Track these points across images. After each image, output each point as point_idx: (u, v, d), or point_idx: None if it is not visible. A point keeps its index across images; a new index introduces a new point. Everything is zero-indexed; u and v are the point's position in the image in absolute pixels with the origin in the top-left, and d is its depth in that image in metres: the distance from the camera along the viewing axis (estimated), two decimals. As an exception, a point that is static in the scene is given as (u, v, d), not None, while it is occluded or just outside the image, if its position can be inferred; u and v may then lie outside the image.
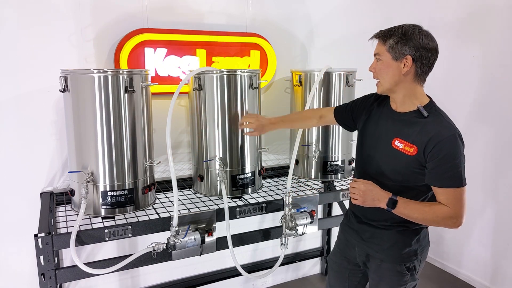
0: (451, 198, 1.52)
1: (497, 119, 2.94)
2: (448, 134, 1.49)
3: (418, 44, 1.50)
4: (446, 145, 1.48)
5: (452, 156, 1.48)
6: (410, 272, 1.69)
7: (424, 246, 1.72)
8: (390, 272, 1.71)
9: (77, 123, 1.91)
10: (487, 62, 2.98)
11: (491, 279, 3.08)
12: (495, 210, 3.01)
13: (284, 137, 2.94)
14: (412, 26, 1.54)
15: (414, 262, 1.69)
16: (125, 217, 2.02)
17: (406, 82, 1.57)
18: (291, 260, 3.19)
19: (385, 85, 1.60)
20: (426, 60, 1.53)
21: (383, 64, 1.57)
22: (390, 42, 1.53)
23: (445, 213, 1.53)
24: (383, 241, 1.71)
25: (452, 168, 1.49)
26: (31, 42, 2.14)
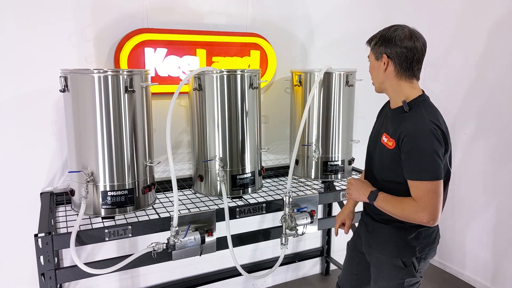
0: (418, 191, 1.55)
1: (498, 119, 2.94)
2: (419, 128, 1.53)
3: (393, 43, 1.59)
4: (416, 139, 1.53)
5: (420, 149, 1.52)
6: (407, 268, 1.71)
7: (426, 245, 1.71)
8: (387, 266, 1.75)
9: (77, 123, 1.91)
10: (486, 62, 2.98)
11: (492, 279, 3.08)
12: (495, 210, 3.01)
13: (284, 137, 2.94)
14: (394, 26, 1.63)
15: (412, 259, 1.71)
16: (125, 217, 2.02)
17: (390, 79, 1.66)
18: (291, 260, 3.19)
19: (375, 84, 1.74)
20: (404, 57, 1.59)
21: (371, 65, 1.72)
22: (372, 44, 1.68)
23: (411, 207, 1.56)
24: (382, 234, 1.76)
25: (420, 161, 1.53)
26: (31, 42, 2.14)
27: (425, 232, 1.70)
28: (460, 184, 3.25)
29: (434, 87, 3.42)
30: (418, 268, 1.73)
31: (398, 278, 1.73)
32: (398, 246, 1.71)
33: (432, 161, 1.52)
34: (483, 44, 3.00)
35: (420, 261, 1.73)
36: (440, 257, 3.49)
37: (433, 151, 1.51)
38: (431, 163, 1.52)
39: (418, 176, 1.54)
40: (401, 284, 1.73)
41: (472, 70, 3.09)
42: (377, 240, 1.79)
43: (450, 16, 3.24)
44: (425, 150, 1.52)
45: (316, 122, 2.54)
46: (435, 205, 1.53)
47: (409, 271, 1.72)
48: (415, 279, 1.74)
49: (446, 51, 3.28)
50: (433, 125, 1.54)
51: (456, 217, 3.31)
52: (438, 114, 1.64)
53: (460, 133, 3.22)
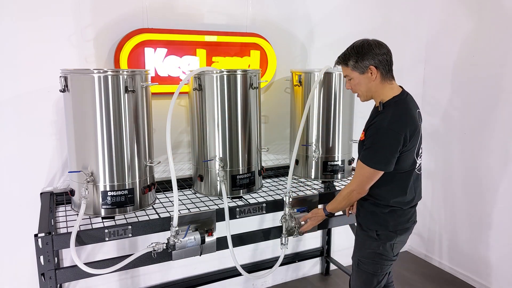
0: (358, 170, 1.88)
1: (493, 118, 2.94)
2: (379, 123, 1.80)
3: (373, 53, 1.81)
4: (373, 131, 1.82)
5: (373, 140, 1.81)
6: (381, 240, 1.94)
7: (399, 222, 1.93)
8: (364, 237, 2.01)
9: (77, 123, 1.91)
10: (486, 62, 2.98)
11: (491, 279, 3.08)
12: (495, 210, 3.01)
13: (284, 137, 2.94)
14: (360, 42, 1.85)
15: (386, 232, 1.93)
16: (125, 217, 2.02)
17: (376, 85, 1.87)
18: (291, 260, 3.19)
19: (364, 95, 1.92)
20: (384, 62, 1.84)
21: (355, 80, 1.89)
22: (351, 63, 1.86)
23: (346, 190, 1.94)
24: (364, 210, 2.02)
25: (370, 151, 1.82)
26: (31, 42, 2.14)
27: (399, 211, 1.93)
28: (460, 184, 3.25)
29: (434, 86, 3.42)
30: (392, 242, 1.93)
31: (372, 247, 1.97)
32: (374, 219, 1.96)
33: (380, 155, 1.80)
34: (483, 43, 3.00)
35: (395, 236, 1.94)
36: (439, 257, 3.49)
37: (383, 147, 1.78)
38: (377, 156, 1.80)
39: (363, 160, 1.84)
40: (374, 253, 1.97)
41: (472, 70, 3.09)
42: (360, 215, 2.05)
43: (450, 16, 3.24)
44: (377, 144, 1.79)
45: (316, 122, 2.54)
46: (362, 182, 1.88)
47: (382, 243, 1.94)
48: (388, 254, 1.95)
49: (446, 50, 3.28)
50: (392, 124, 1.77)
51: (456, 217, 3.31)
52: (406, 114, 1.82)
53: (460, 133, 3.22)
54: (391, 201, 1.91)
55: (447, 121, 3.33)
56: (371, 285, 2.02)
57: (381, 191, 1.91)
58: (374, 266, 1.99)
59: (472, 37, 3.08)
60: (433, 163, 3.47)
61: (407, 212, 1.96)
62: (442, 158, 3.39)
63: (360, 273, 2.04)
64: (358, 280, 2.06)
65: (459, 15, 3.17)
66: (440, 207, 3.46)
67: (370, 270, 2.00)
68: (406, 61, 3.35)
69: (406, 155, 1.84)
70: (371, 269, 2.00)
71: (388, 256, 1.97)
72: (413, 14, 3.34)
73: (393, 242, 1.95)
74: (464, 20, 3.13)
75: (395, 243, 1.96)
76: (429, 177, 3.49)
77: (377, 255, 1.97)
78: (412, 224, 2.01)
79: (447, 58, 3.28)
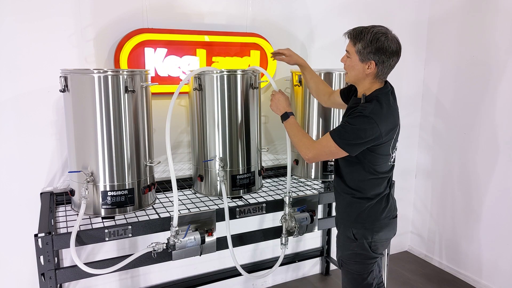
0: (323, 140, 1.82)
1: (493, 118, 2.94)
2: (360, 109, 1.74)
3: (382, 51, 1.71)
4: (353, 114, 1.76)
5: (349, 120, 1.74)
6: (358, 241, 1.89)
7: (376, 219, 1.89)
8: (343, 237, 1.98)
9: (77, 123, 1.91)
10: (486, 61, 2.98)
11: (491, 279, 3.08)
12: (495, 210, 3.01)
13: (284, 137, 2.94)
14: (381, 32, 1.73)
15: (362, 231, 1.89)
16: (125, 217, 2.02)
17: (367, 80, 1.81)
18: (291, 260, 3.19)
19: (351, 78, 1.86)
20: (387, 64, 1.76)
21: (352, 62, 1.81)
22: (358, 47, 1.75)
23: (306, 143, 1.86)
24: (339, 205, 2.00)
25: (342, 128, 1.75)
26: (31, 42, 2.14)
27: (374, 207, 1.88)
28: (459, 184, 3.25)
29: (434, 86, 3.42)
30: (371, 240, 1.88)
31: (349, 249, 1.93)
32: (349, 218, 1.92)
33: (350, 135, 1.72)
34: (483, 43, 3.00)
35: (372, 234, 1.88)
36: (439, 257, 3.50)
37: (358, 130, 1.71)
38: (347, 135, 1.73)
39: (332, 134, 1.77)
40: (354, 255, 1.92)
41: (472, 70, 3.09)
42: (338, 211, 2.02)
43: (449, 16, 3.24)
44: (352, 125, 1.72)
45: (316, 122, 2.54)
46: (320, 152, 1.82)
47: (360, 244, 1.89)
48: (367, 253, 1.90)
49: (446, 50, 3.28)
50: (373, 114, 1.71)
51: (456, 217, 3.31)
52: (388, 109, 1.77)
53: (460, 133, 3.22)
54: (370, 194, 1.86)
55: (447, 121, 3.33)
56: (358, 285, 1.97)
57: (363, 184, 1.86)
58: (357, 266, 1.94)
59: (472, 37, 3.08)
60: (433, 163, 3.47)
61: (382, 207, 1.89)
62: (442, 158, 3.39)
63: (345, 273, 2.00)
64: (346, 279, 2.02)
65: (460, 15, 3.17)
66: (440, 207, 3.46)
67: (354, 270, 1.95)
68: (406, 61, 3.34)
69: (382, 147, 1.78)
70: (354, 269, 1.95)
71: (368, 255, 1.91)
72: (413, 14, 3.34)
73: (370, 240, 1.89)
74: (464, 20, 3.13)
75: (373, 242, 1.90)
76: (429, 177, 3.49)
77: (358, 255, 1.92)
78: (390, 219, 1.93)
79: (447, 58, 3.28)
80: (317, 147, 1.82)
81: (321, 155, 1.84)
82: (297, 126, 1.95)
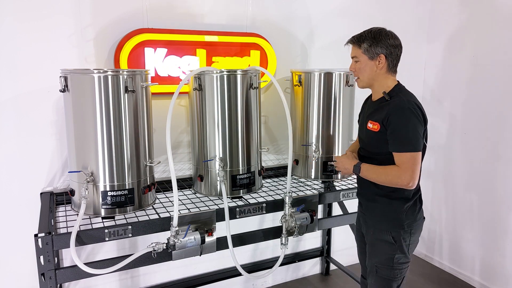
0: (400, 160, 1.78)
1: (493, 118, 2.94)
2: (398, 107, 1.77)
3: (387, 44, 1.83)
4: (395, 116, 1.77)
5: (400, 125, 1.76)
6: (397, 243, 1.88)
7: (413, 220, 1.89)
8: (379, 242, 1.94)
9: (77, 123, 1.91)
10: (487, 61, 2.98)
11: (491, 279, 3.08)
12: (494, 210, 3.01)
13: (284, 137, 2.94)
14: (378, 29, 1.85)
15: (401, 233, 1.88)
16: (125, 217, 2.02)
17: (380, 75, 1.88)
18: (291, 260, 3.19)
19: (364, 81, 1.91)
20: (395, 55, 1.86)
21: (361, 63, 1.88)
22: (364, 46, 1.85)
23: (394, 173, 1.79)
24: (372, 211, 1.97)
25: (399, 135, 1.77)
26: (31, 42, 2.14)
27: (412, 209, 1.89)
28: (459, 184, 3.25)
29: (434, 86, 3.42)
30: (408, 242, 1.89)
31: (388, 253, 1.90)
32: (388, 221, 1.90)
33: (411, 135, 1.75)
34: (483, 43, 3.00)
35: (410, 236, 1.89)
36: (439, 257, 3.49)
37: (413, 127, 1.75)
38: (410, 137, 1.75)
39: (400, 148, 1.77)
40: (391, 259, 1.90)
41: (472, 70, 3.09)
42: (370, 217, 1.99)
43: (450, 16, 3.24)
44: (406, 126, 1.75)
45: (316, 122, 2.54)
46: (414, 170, 1.77)
47: (399, 246, 1.88)
48: (405, 257, 1.90)
49: (446, 50, 3.28)
50: (412, 104, 1.77)
51: (456, 218, 3.31)
52: (414, 97, 1.85)
53: (460, 133, 3.22)
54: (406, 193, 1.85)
55: (447, 121, 3.33)
56: None
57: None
58: (392, 272, 1.91)
59: (472, 36, 3.08)
60: (433, 163, 3.47)
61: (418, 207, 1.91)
62: (442, 158, 3.39)
63: (379, 279, 1.96)
64: (377, 286, 1.98)
65: (460, 15, 3.17)
66: (440, 207, 3.46)
67: (389, 275, 1.92)
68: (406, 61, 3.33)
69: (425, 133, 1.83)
70: (389, 275, 1.92)
71: (405, 259, 1.91)
72: (413, 14, 3.34)
73: (408, 242, 1.89)
74: (465, 20, 3.13)
75: (410, 244, 1.90)
76: (430, 177, 3.49)
77: (395, 259, 1.89)
78: (423, 220, 1.95)
79: (448, 58, 3.28)
80: (405, 169, 1.76)
81: (414, 172, 1.76)
82: (373, 168, 1.87)
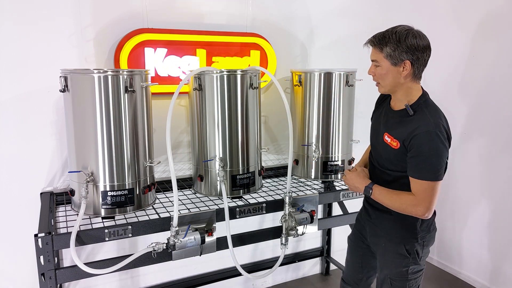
0: (418, 188, 1.64)
1: (495, 118, 2.94)
2: (424, 129, 1.59)
3: (414, 48, 1.60)
4: (420, 140, 1.60)
5: (424, 150, 1.59)
6: (411, 255, 1.79)
7: (427, 232, 1.79)
8: (392, 254, 1.83)
9: (77, 123, 1.91)
10: (487, 61, 2.98)
11: (491, 279, 3.08)
12: (494, 210, 3.01)
13: (284, 137, 2.94)
14: (405, 29, 1.62)
15: (415, 245, 1.78)
16: (125, 217, 2.02)
17: (405, 84, 1.69)
18: (291, 260, 3.19)
19: (386, 87, 1.73)
20: (422, 60, 1.65)
21: (383, 69, 1.68)
22: (387, 51, 1.63)
23: (409, 201, 1.66)
24: (385, 222, 1.84)
25: (424, 162, 1.61)
26: (31, 42, 2.14)
27: (427, 221, 1.78)
28: (459, 184, 3.25)
29: (434, 86, 3.42)
30: (421, 254, 1.80)
31: (402, 266, 1.81)
32: (401, 234, 1.79)
33: (435, 163, 1.60)
34: (483, 43, 3.00)
35: (422, 248, 1.80)
36: (440, 257, 3.49)
37: (437, 154, 1.59)
38: (434, 165, 1.60)
39: (421, 175, 1.62)
40: (406, 272, 1.81)
41: (472, 70, 3.09)
42: (381, 228, 1.87)
43: (450, 16, 3.24)
44: (429, 152, 1.59)
45: (316, 122, 2.54)
46: (432, 201, 1.64)
47: (413, 258, 1.79)
48: (419, 266, 1.82)
49: (446, 50, 3.28)
50: (440, 128, 1.60)
51: (456, 218, 3.31)
52: (441, 114, 1.69)
53: (459, 133, 3.22)
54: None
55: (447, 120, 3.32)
56: None
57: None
58: (408, 283, 1.82)
59: (472, 36, 3.08)
60: (433, 163, 3.47)
61: (433, 219, 1.82)
62: (442, 158, 3.39)
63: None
64: None
65: (460, 15, 3.17)
66: (440, 207, 3.46)
67: (404, 286, 1.83)
68: (406, 61, 3.35)
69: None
70: (405, 286, 1.83)
71: (419, 269, 1.83)
72: (413, 14, 3.34)
73: (422, 254, 1.80)
74: (465, 20, 3.13)
75: (423, 255, 1.82)
76: (429, 177, 3.49)
77: (410, 271, 1.80)
78: (435, 231, 1.85)
79: (448, 58, 3.28)
80: (422, 198, 1.63)
81: (431, 203, 1.63)
82: (386, 192, 1.74)
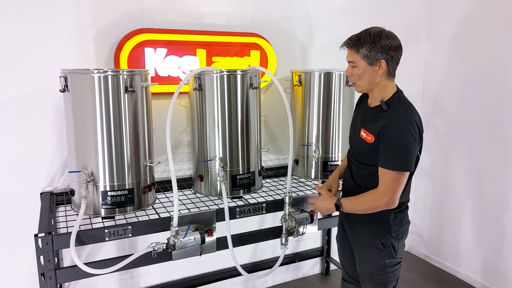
0: (385, 177, 1.72)
1: (493, 118, 2.94)
2: (396, 122, 1.68)
3: (388, 48, 1.71)
4: (391, 131, 1.68)
5: (396, 143, 1.68)
6: (387, 249, 1.87)
7: (400, 225, 1.87)
8: (368, 248, 1.91)
9: (77, 123, 1.91)
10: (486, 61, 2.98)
11: (491, 279, 3.08)
12: (494, 209, 3.01)
13: (284, 137, 2.94)
14: (377, 31, 1.73)
15: (389, 239, 1.86)
16: (125, 217, 2.01)
17: (380, 82, 1.78)
18: (291, 260, 3.19)
19: (363, 87, 1.82)
20: (395, 59, 1.75)
21: (360, 69, 1.77)
22: (363, 51, 1.72)
23: (375, 197, 1.75)
24: (359, 218, 1.89)
25: (392, 151, 1.69)
26: (31, 42, 2.14)
27: (399, 214, 1.86)
28: (456, 184, 3.25)
29: (434, 86, 3.42)
30: (397, 248, 1.88)
31: (379, 260, 1.88)
32: (375, 228, 1.87)
33: (405, 155, 1.68)
34: (483, 44, 3.00)
35: (398, 241, 1.88)
36: (439, 257, 3.49)
37: (406, 145, 1.67)
38: (402, 155, 1.68)
39: (389, 165, 1.70)
40: (383, 265, 1.89)
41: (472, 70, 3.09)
42: (357, 224, 1.95)
43: (449, 16, 3.24)
44: (400, 144, 1.68)
45: (316, 122, 2.54)
46: (396, 191, 1.72)
47: (388, 252, 1.87)
48: (396, 260, 1.90)
49: (446, 50, 3.28)
50: (409, 121, 1.69)
51: (454, 217, 3.31)
52: (413, 109, 1.77)
53: (460, 133, 3.22)
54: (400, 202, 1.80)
55: (447, 120, 3.33)
56: None
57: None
58: (386, 275, 1.90)
59: (472, 36, 3.08)
60: (433, 163, 3.47)
61: (404, 213, 1.90)
62: (442, 158, 3.39)
63: (374, 284, 1.95)
64: None
65: (460, 15, 3.17)
66: (440, 207, 3.46)
67: (384, 279, 1.91)
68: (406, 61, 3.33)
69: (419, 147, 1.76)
70: (384, 279, 1.91)
71: (396, 261, 1.90)
72: (413, 14, 3.34)
73: (397, 248, 1.88)
74: (464, 20, 3.13)
75: (399, 248, 1.90)
76: (429, 177, 3.49)
77: (388, 264, 1.88)
78: (409, 224, 1.94)
79: (447, 57, 3.28)
80: (387, 189, 1.71)
81: (395, 193, 1.71)
82: (354, 200, 1.83)
